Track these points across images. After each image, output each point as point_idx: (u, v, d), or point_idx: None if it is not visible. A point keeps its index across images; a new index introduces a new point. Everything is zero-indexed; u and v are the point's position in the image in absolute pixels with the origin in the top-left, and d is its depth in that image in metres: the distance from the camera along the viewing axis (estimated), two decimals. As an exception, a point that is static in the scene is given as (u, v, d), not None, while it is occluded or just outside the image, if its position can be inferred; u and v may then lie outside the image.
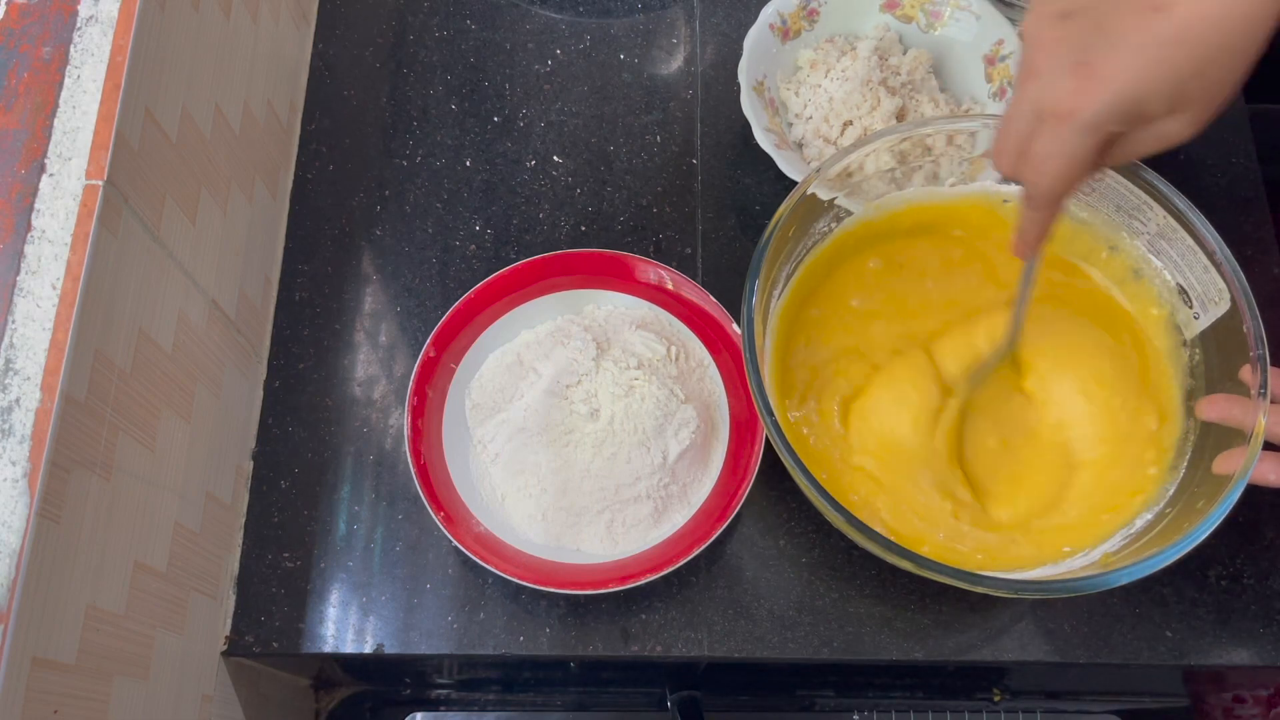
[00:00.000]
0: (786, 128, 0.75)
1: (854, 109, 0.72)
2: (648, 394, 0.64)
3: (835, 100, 0.73)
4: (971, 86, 0.76)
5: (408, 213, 0.75)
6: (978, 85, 0.76)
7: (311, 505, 0.67)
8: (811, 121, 0.74)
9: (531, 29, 0.82)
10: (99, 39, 0.52)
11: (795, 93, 0.76)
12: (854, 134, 0.72)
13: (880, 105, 0.72)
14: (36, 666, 0.45)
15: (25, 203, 0.49)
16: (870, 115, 0.72)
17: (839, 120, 0.73)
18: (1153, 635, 0.65)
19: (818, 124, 0.74)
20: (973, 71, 0.76)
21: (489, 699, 0.77)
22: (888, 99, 0.72)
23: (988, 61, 0.75)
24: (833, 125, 0.73)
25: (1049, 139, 0.47)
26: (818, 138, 0.74)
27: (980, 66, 0.76)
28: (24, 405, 0.46)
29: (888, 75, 0.74)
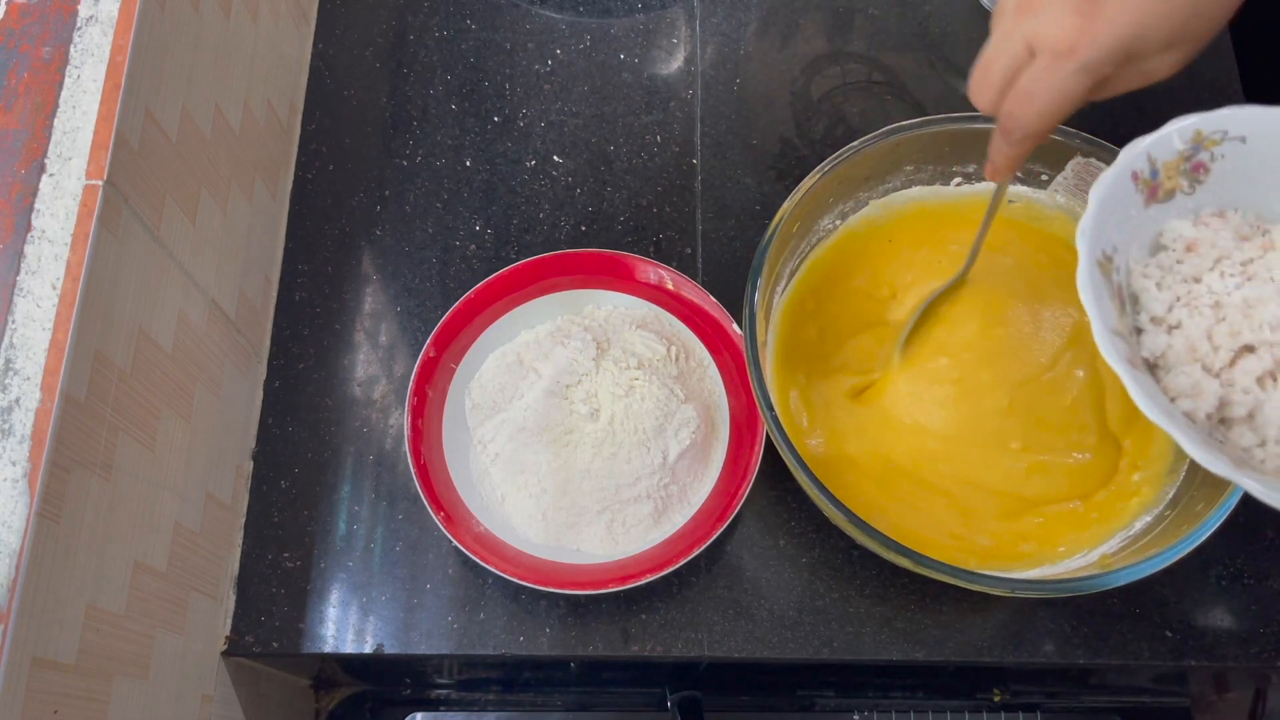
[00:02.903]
0: (1132, 333, 0.49)
1: (1265, 330, 0.46)
2: (648, 394, 0.64)
3: (1228, 309, 0.47)
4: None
5: (408, 213, 0.75)
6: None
7: (311, 505, 0.67)
8: (1182, 334, 0.48)
9: (532, 29, 0.82)
10: (99, 39, 0.52)
11: (1157, 284, 0.50)
12: (1257, 369, 0.46)
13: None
14: (36, 666, 0.45)
15: (25, 203, 0.49)
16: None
17: (1234, 342, 0.47)
18: (1153, 635, 0.65)
19: (1195, 341, 0.48)
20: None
21: (489, 699, 0.76)
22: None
23: None
24: (1221, 349, 0.47)
25: (1043, 75, 0.47)
26: (1193, 362, 0.48)
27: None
28: (24, 405, 0.46)
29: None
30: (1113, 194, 0.49)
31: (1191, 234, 0.50)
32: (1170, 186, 0.50)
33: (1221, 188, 0.51)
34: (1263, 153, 0.49)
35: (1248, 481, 0.41)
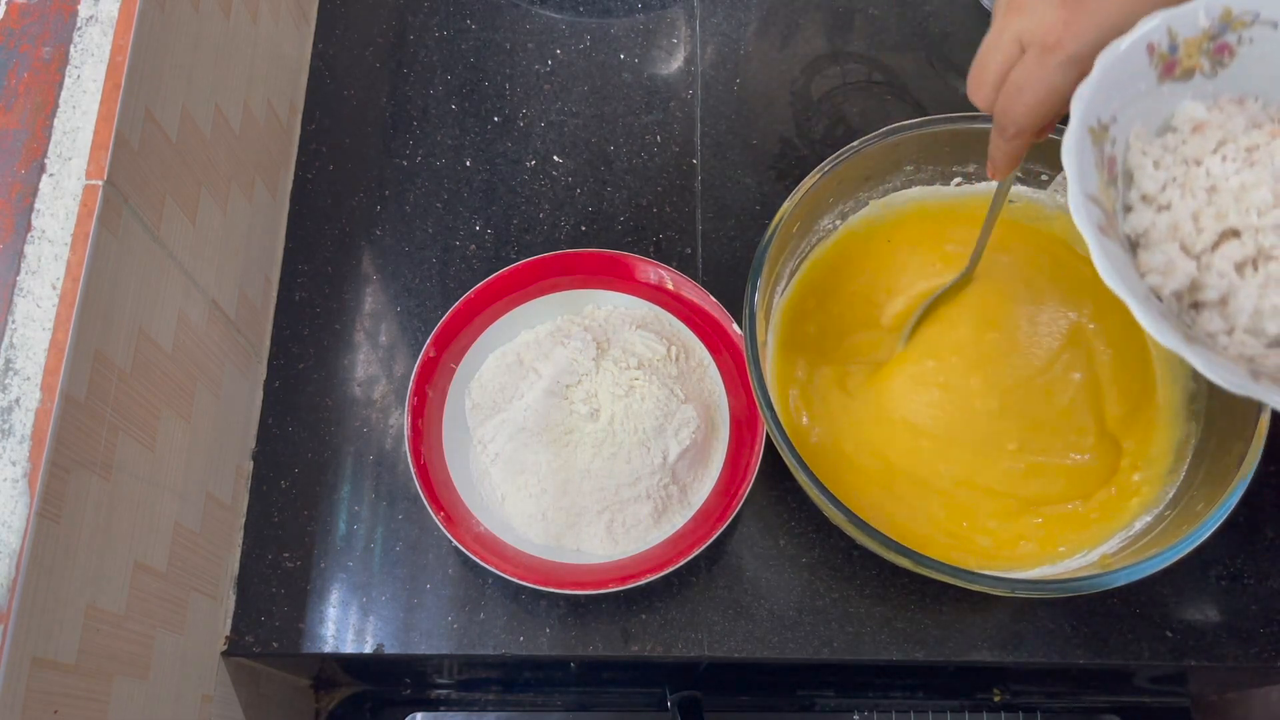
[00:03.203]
0: (1120, 211, 0.48)
1: (1252, 215, 0.44)
2: (648, 394, 0.64)
3: (1222, 193, 0.45)
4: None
5: (408, 213, 0.75)
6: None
7: (311, 505, 0.67)
8: (1169, 214, 0.46)
9: (532, 29, 0.82)
10: (99, 39, 0.52)
11: (1155, 163, 0.47)
12: (1237, 254, 0.44)
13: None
14: (36, 666, 0.45)
15: (25, 203, 0.49)
16: (1277, 234, 0.44)
17: (1218, 225, 0.45)
18: (1153, 635, 0.65)
19: (1179, 221, 0.46)
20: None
21: (489, 699, 0.77)
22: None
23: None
24: (1205, 231, 0.45)
25: (1030, 69, 0.48)
26: (1171, 241, 0.46)
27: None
28: (24, 405, 0.46)
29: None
30: (1122, 63, 0.46)
31: (1203, 116, 0.47)
32: (1189, 65, 0.47)
33: (1246, 74, 0.47)
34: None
35: (1193, 356, 0.39)
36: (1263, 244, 0.44)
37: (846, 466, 0.63)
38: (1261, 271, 0.43)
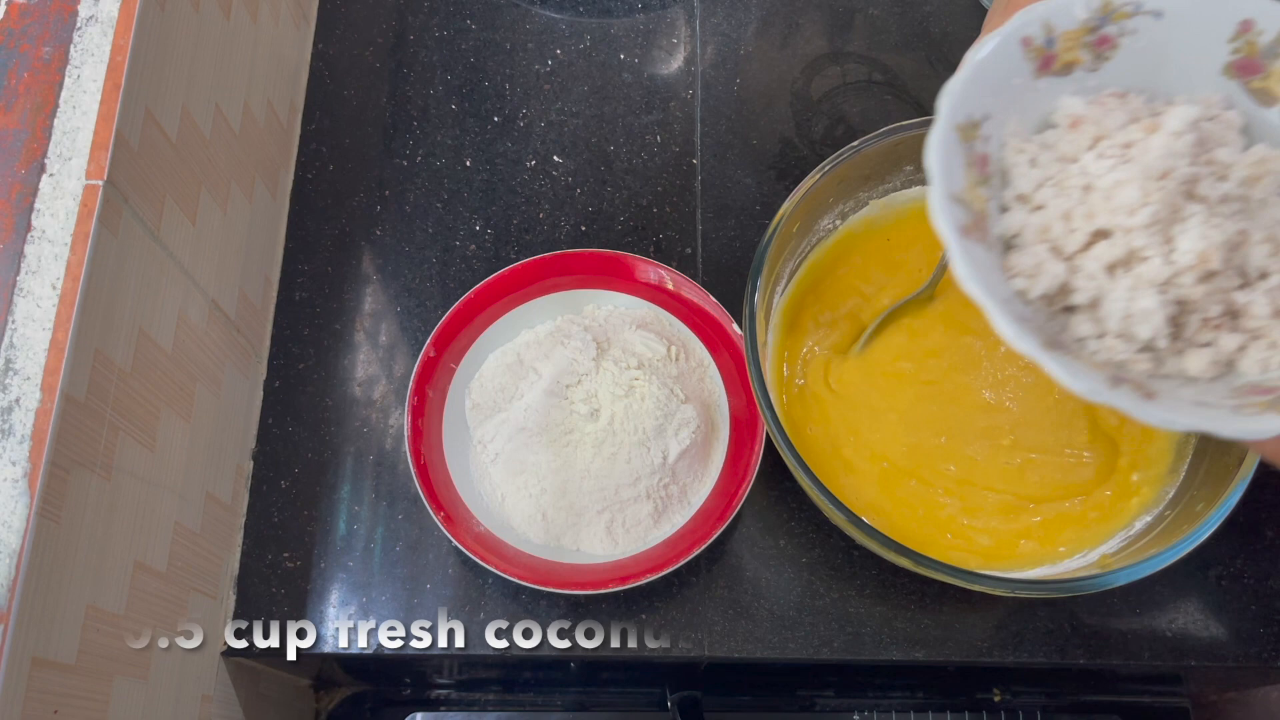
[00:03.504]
0: (995, 211, 0.45)
1: (1121, 215, 0.42)
2: (648, 394, 0.64)
3: (1095, 192, 0.43)
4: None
5: (408, 213, 0.75)
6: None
7: (311, 505, 0.67)
8: (1042, 215, 0.44)
9: (531, 29, 0.82)
10: (99, 39, 0.52)
11: (1031, 161, 0.45)
12: (1107, 255, 0.42)
13: (1174, 220, 0.42)
14: (36, 666, 0.45)
15: (25, 203, 0.49)
16: (1148, 233, 0.41)
17: (1089, 225, 0.43)
18: (1153, 635, 0.65)
19: (1050, 221, 0.43)
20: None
21: (489, 699, 0.77)
22: (1197, 218, 0.41)
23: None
24: (1076, 231, 0.43)
25: None
26: (1042, 243, 0.44)
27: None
28: (24, 405, 0.46)
29: (1204, 177, 0.42)
30: (994, 59, 0.43)
31: (1080, 111, 0.45)
32: (1069, 59, 0.45)
33: (1130, 66, 0.45)
34: (1179, 31, 0.44)
35: (1049, 363, 0.38)
36: (1133, 245, 0.41)
37: (846, 467, 0.63)
38: (1132, 273, 0.41)
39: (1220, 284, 0.41)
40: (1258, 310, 0.41)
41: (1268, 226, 0.42)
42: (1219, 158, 0.43)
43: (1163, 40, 0.44)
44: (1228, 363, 0.42)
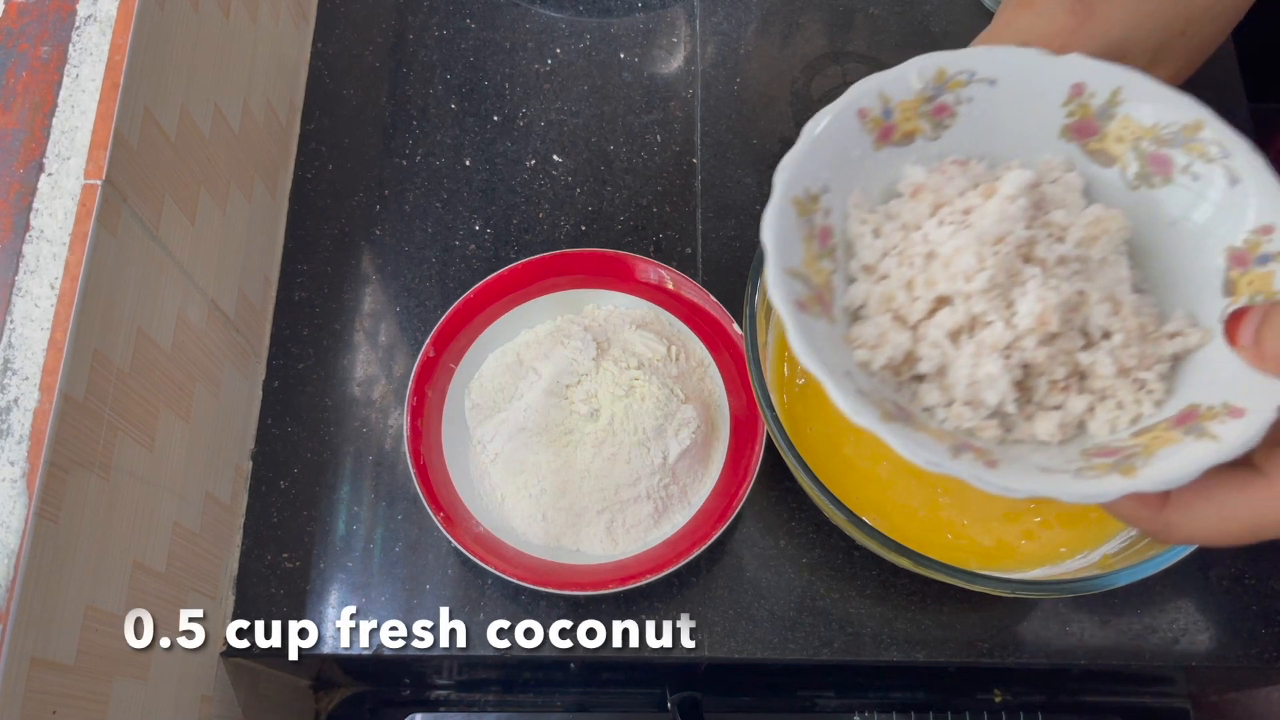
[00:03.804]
0: (841, 282, 0.45)
1: (959, 280, 0.42)
2: (648, 394, 0.64)
3: (937, 260, 0.43)
4: (1191, 292, 0.44)
5: (407, 212, 0.75)
6: (1204, 293, 0.43)
7: (311, 505, 0.67)
8: (886, 284, 0.44)
9: (531, 28, 0.82)
10: (97, 38, 0.52)
11: (875, 231, 0.45)
12: (949, 322, 0.42)
13: (1012, 284, 0.42)
14: (35, 667, 0.45)
15: (24, 202, 0.49)
16: (988, 299, 0.41)
17: (931, 293, 0.43)
18: (1153, 636, 0.65)
19: (894, 291, 0.43)
20: (1199, 269, 0.43)
21: (489, 700, 0.76)
22: (1034, 280, 0.41)
23: (1235, 260, 0.42)
24: (919, 300, 0.43)
25: None
26: (885, 312, 0.44)
27: (1219, 263, 0.42)
28: (22, 405, 0.46)
29: (1040, 240, 0.43)
30: (831, 131, 0.43)
31: (921, 179, 0.44)
32: (909, 129, 0.45)
33: (970, 133, 0.45)
34: (1015, 97, 0.44)
35: (886, 434, 0.38)
36: (974, 310, 0.41)
37: (846, 466, 0.62)
38: (975, 339, 0.41)
39: (1063, 345, 0.41)
40: (1102, 370, 0.41)
41: (1107, 286, 0.42)
42: (1055, 219, 0.43)
43: (1000, 106, 0.44)
44: (1078, 425, 0.42)
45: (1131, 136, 0.44)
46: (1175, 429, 0.39)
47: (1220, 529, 0.36)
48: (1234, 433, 0.36)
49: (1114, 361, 0.41)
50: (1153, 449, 0.38)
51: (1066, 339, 0.41)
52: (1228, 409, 0.37)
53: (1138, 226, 0.44)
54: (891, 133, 0.45)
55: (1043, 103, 0.44)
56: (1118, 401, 0.41)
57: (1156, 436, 0.39)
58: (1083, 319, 0.42)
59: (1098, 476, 0.37)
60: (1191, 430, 0.38)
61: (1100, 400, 0.42)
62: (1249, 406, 0.37)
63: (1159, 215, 0.44)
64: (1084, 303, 0.42)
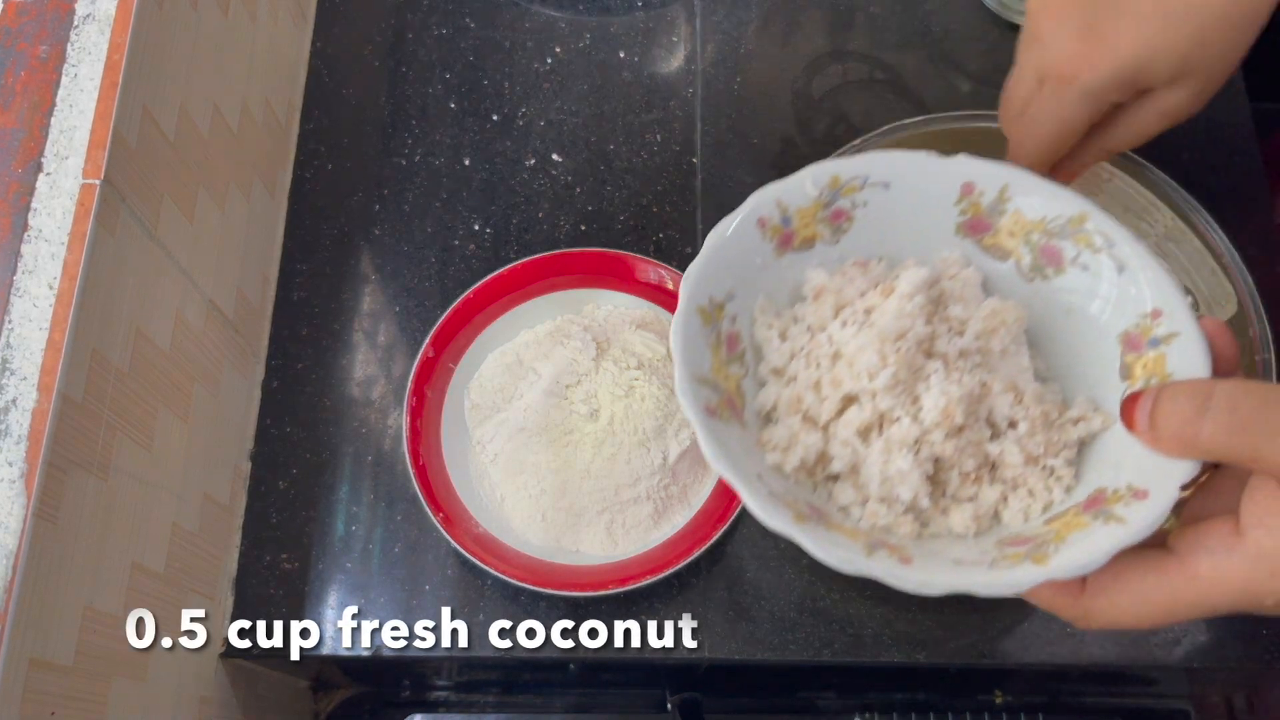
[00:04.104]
0: (752, 386, 0.46)
1: (864, 379, 0.43)
2: (648, 394, 0.64)
3: (842, 359, 0.44)
4: (1092, 378, 0.45)
5: (406, 212, 0.75)
6: (1103, 378, 0.44)
7: (310, 506, 0.67)
8: (794, 386, 0.45)
9: (531, 27, 0.81)
10: (96, 37, 0.52)
11: (781, 335, 0.46)
12: (857, 421, 0.43)
13: (916, 380, 0.43)
14: (34, 668, 0.44)
15: (22, 202, 0.49)
16: (893, 395, 0.42)
17: (838, 392, 0.43)
18: (1153, 636, 0.64)
19: (802, 392, 0.44)
20: (1097, 354, 0.44)
21: (488, 701, 0.76)
22: (937, 375, 0.43)
23: (1129, 344, 0.43)
24: (828, 400, 0.44)
25: (1046, 102, 0.48)
26: (796, 414, 0.44)
27: (1114, 349, 0.43)
28: (20, 405, 0.46)
29: (940, 335, 0.44)
30: (731, 241, 0.44)
31: (823, 282, 0.46)
32: (808, 234, 0.46)
33: (868, 235, 0.46)
34: (909, 198, 0.45)
35: (799, 536, 0.38)
36: (881, 408, 0.42)
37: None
38: (884, 436, 0.42)
39: (971, 437, 0.42)
40: (1011, 460, 0.42)
41: (1009, 376, 0.43)
42: (955, 314, 0.44)
43: (896, 208, 0.45)
44: (993, 515, 0.42)
45: (1022, 231, 0.45)
46: (1084, 514, 0.39)
47: (1138, 612, 0.36)
48: (1139, 515, 0.36)
49: (1021, 450, 0.42)
50: (1064, 535, 0.38)
51: (973, 431, 0.42)
52: (1133, 491, 0.38)
53: (1037, 316, 0.45)
54: (792, 239, 0.46)
55: (936, 203, 0.45)
56: (1029, 489, 0.42)
57: (1067, 523, 0.39)
58: (987, 410, 0.43)
59: (1012, 566, 0.38)
60: (1100, 515, 0.38)
61: (1012, 489, 0.42)
62: (1152, 488, 0.37)
63: (1056, 304, 0.45)
64: (987, 394, 0.43)
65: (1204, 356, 0.39)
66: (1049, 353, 0.46)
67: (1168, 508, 0.36)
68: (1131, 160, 0.62)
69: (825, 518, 0.41)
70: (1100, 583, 0.36)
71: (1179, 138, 0.54)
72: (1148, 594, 0.35)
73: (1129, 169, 0.63)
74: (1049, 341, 0.45)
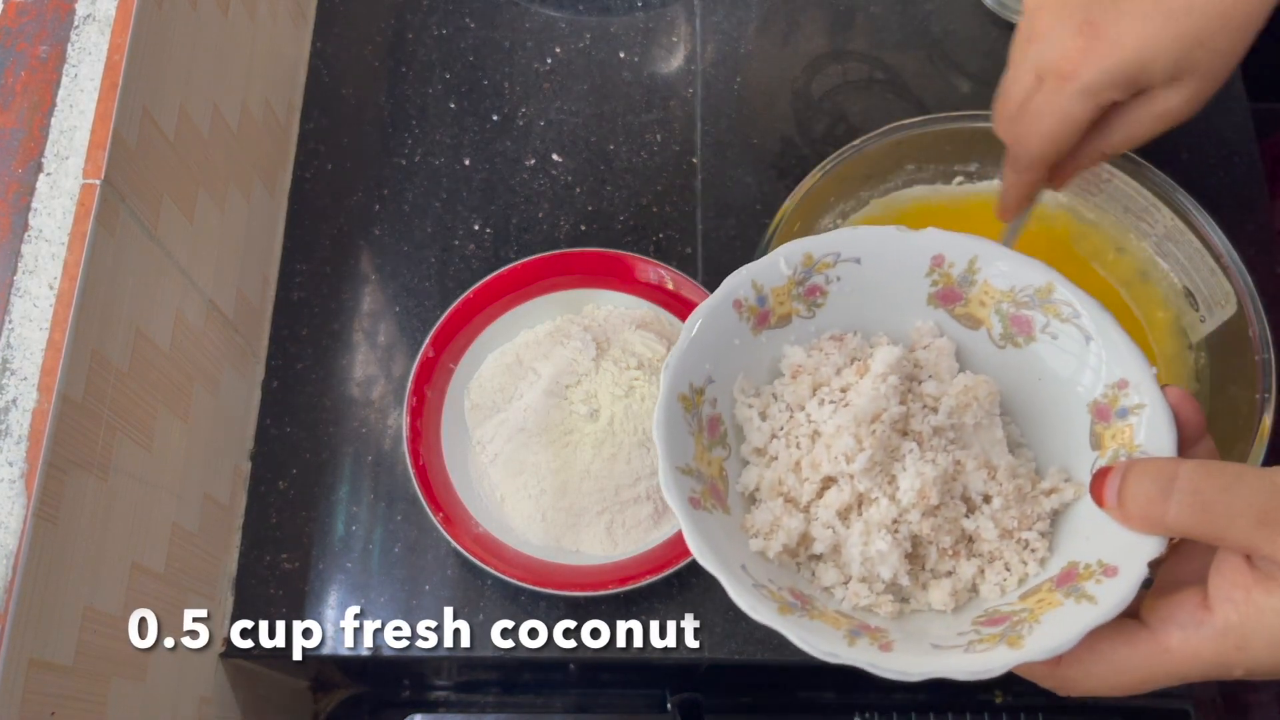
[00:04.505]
0: (735, 466, 0.46)
1: (842, 462, 0.43)
2: (648, 394, 0.64)
3: (820, 440, 0.44)
4: (1064, 445, 0.45)
5: (406, 212, 0.75)
6: (1075, 446, 0.44)
7: (310, 506, 0.67)
8: (775, 467, 0.45)
9: (531, 27, 0.81)
10: (96, 38, 0.52)
11: (762, 414, 0.46)
12: (837, 503, 0.43)
13: (892, 460, 0.43)
14: (34, 668, 0.44)
15: (22, 202, 0.49)
16: (870, 477, 0.43)
17: (817, 475, 0.44)
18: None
19: (783, 474, 0.44)
20: (1069, 422, 0.44)
21: (488, 701, 0.76)
22: (912, 455, 0.43)
23: (1098, 413, 0.43)
24: (808, 481, 0.44)
25: (1046, 98, 0.48)
26: (777, 496, 0.44)
27: (1084, 418, 0.44)
28: (21, 405, 0.46)
29: (915, 413, 0.44)
30: (711, 324, 0.45)
31: (800, 360, 0.46)
32: (784, 312, 0.47)
33: (843, 309, 0.47)
34: (881, 272, 0.46)
35: (784, 629, 0.39)
36: (859, 489, 0.42)
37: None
38: (863, 518, 0.42)
39: (947, 515, 0.42)
40: (986, 534, 0.42)
41: (982, 451, 0.44)
42: (928, 390, 0.45)
43: (868, 282, 0.46)
44: (971, 588, 0.43)
45: (992, 300, 0.46)
46: (1057, 590, 0.40)
47: (1112, 683, 0.37)
48: (1110, 593, 0.37)
49: (996, 525, 0.42)
50: (1038, 614, 0.39)
51: (949, 508, 0.43)
52: (1103, 567, 0.39)
53: (1011, 382, 0.46)
54: (768, 317, 0.46)
55: (908, 275, 0.46)
56: (1005, 563, 0.43)
57: (1041, 599, 0.40)
58: (962, 487, 0.43)
59: (988, 649, 0.38)
60: (1072, 592, 0.39)
61: (989, 563, 0.43)
62: (1121, 565, 0.38)
63: (1029, 371, 0.46)
64: (961, 471, 0.43)
65: (1169, 428, 0.40)
66: (1023, 419, 0.46)
67: (1136, 585, 0.37)
68: (1131, 160, 0.62)
69: (809, 604, 0.42)
70: (1076, 655, 0.37)
71: (1179, 138, 0.54)
72: (1121, 666, 0.37)
73: (1129, 169, 0.63)
74: (1023, 408, 0.46)
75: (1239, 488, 0.34)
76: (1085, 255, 0.66)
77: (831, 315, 0.47)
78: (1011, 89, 0.50)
